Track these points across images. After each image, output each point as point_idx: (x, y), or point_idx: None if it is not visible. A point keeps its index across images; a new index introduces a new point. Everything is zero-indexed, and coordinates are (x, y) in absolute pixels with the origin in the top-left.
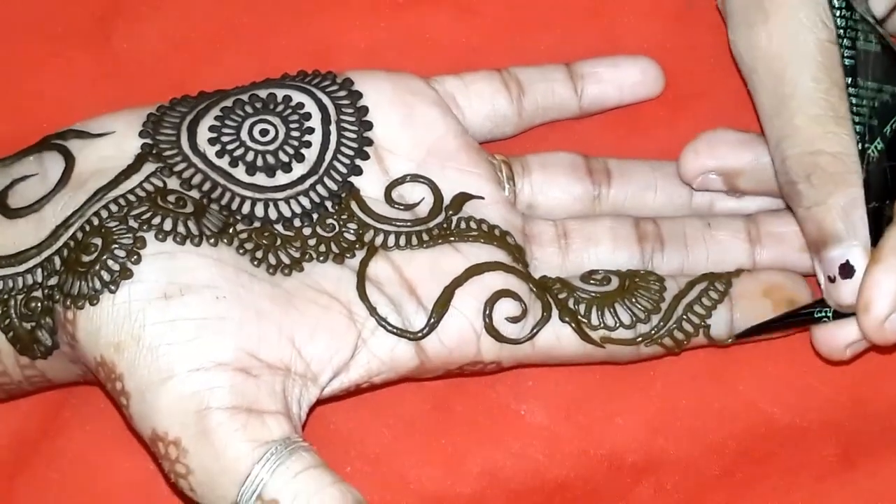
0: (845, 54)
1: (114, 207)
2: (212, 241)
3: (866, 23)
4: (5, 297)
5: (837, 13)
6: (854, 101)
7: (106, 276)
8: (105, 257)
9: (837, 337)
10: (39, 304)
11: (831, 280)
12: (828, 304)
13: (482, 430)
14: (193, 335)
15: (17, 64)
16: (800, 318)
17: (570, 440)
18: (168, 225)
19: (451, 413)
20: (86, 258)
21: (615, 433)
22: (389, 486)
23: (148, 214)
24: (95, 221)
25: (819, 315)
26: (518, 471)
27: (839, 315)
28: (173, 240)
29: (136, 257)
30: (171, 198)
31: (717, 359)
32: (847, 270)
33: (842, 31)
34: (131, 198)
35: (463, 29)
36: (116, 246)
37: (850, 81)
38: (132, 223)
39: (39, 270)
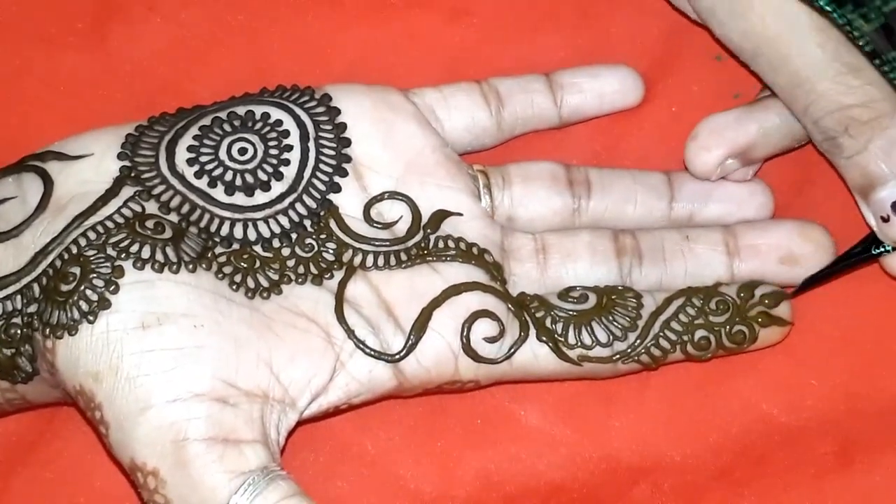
0: (861, 42)
1: (92, 235)
2: (190, 267)
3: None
4: None
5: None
6: (892, 75)
7: (84, 307)
8: (83, 287)
9: None
10: (19, 331)
11: (885, 220)
12: (881, 241)
13: (478, 433)
14: (171, 365)
15: (12, 65)
16: (855, 261)
17: (566, 442)
18: (146, 252)
19: (447, 415)
20: (64, 287)
21: (611, 435)
22: (386, 488)
23: (126, 242)
24: (74, 249)
25: (878, 252)
26: (514, 473)
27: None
28: (151, 267)
29: (113, 287)
30: (150, 223)
31: (714, 359)
32: None
33: (847, 25)
34: (109, 224)
35: (456, 30)
36: (94, 275)
37: (877, 63)
38: (110, 251)
39: (19, 297)
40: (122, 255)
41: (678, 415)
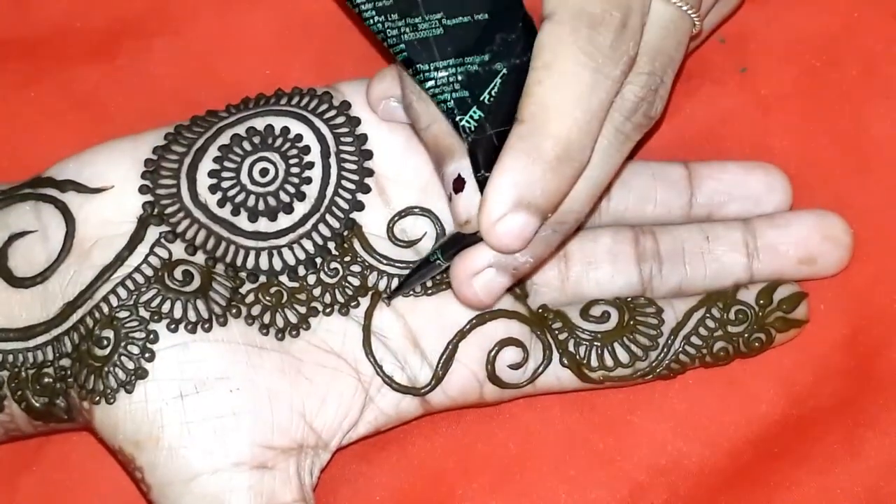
0: (397, 50)
1: (122, 292)
2: (221, 320)
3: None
4: (16, 370)
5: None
6: (428, 84)
7: (121, 375)
8: (118, 355)
9: (462, 269)
10: (52, 383)
11: (450, 199)
12: (440, 248)
13: (494, 422)
14: (211, 436)
15: (24, 77)
16: (424, 270)
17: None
18: (178, 311)
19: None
20: (99, 352)
21: (628, 435)
22: (402, 471)
23: (157, 301)
24: (105, 309)
25: (434, 259)
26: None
27: (450, 253)
28: (185, 328)
29: (149, 354)
30: (178, 273)
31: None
32: (460, 184)
33: (381, 33)
34: (139, 279)
35: None
36: (129, 342)
37: (410, 72)
38: (143, 312)
39: (49, 349)
40: (155, 318)
41: (688, 415)
